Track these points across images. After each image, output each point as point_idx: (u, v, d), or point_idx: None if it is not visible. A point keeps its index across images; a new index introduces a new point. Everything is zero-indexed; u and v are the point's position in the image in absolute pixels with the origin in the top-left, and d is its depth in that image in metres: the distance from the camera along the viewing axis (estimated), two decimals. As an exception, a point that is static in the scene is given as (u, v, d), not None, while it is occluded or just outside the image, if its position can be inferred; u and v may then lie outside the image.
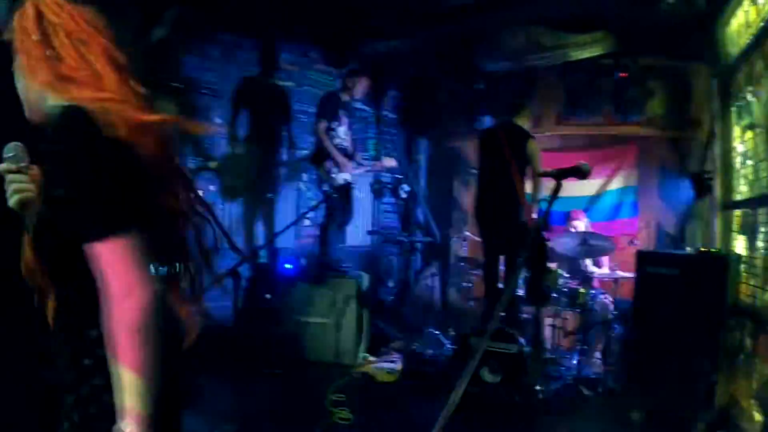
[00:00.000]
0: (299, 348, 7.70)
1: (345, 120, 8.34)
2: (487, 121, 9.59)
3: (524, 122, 7.67)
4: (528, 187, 7.32)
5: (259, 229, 8.51)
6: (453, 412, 5.86)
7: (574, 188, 9.50)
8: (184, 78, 7.60)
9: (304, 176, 9.17)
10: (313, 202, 8.70)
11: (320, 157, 8.22)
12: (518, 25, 8.43)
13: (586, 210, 9.00)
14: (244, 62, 8.52)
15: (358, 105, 9.10)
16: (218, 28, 8.01)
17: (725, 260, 5.43)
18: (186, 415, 2.19)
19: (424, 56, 9.75)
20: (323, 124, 8.09)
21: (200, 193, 2.11)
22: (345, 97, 8.36)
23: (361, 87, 8.43)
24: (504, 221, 7.21)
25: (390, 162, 9.07)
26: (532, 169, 7.31)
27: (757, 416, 4.83)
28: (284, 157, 8.87)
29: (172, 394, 1.96)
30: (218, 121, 8.19)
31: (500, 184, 7.26)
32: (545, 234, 7.08)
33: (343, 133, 8.33)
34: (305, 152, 9.06)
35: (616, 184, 9.51)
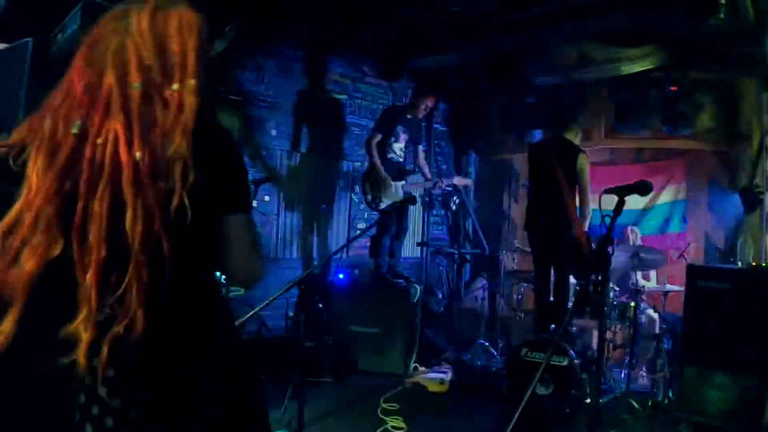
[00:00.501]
0: (351, 357, 7.82)
1: (403, 136, 8.45)
2: (537, 135, 9.65)
3: (574, 137, 7.69)
4: (578, 201, 7.35)
5: (314, 240, 8.68)
6: (504, 423, 5.95)
7: (626, 202, 9.52)
8: (242, 91, 7.76)
9: (357, 188, 9.27)
10: (366, 215, 8.86)
11: (370, 172, 8.36)
12: (568, 39, 8.48)
13: (636, 224, 9.01)
14: (299, 75, 8.67)
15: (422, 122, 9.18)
16: (273, 41, 8.15)
17: (777, 275, 5.45)
18: None
19: (474, 70, 9.83)
20: (377, 138, 8.21)
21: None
22: (409, 115, 8.48)
23: (426, 106, 8.55)
24: (554, 234, 7.25)
25: (464, 181, 9.20)
26: (581, 183, 7.34)
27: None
28: (340, 168, 9.04)
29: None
30: (274, 133, 8.34)
31: (551, 198, 7.29)
32: (610, 248, 7.12)
33: (398, 149, 8.44)
34: (357, 164, 9.22)
35: (665, 197, 9.49)
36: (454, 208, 10.40)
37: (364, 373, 7.73)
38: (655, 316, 7.76)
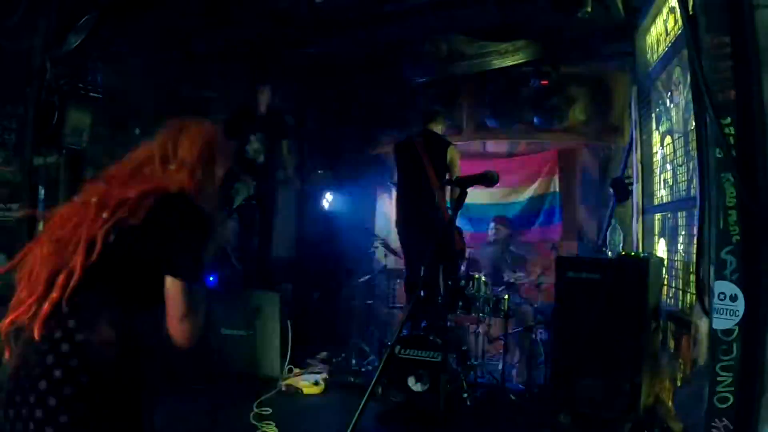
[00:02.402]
0: (222, 361, 7.56)
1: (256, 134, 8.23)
2: (409, 130, 9.60)
3: (439, 129, 7.64)
4: (449, 195, 7.27)
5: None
6: (381, 420, 5.80)
7: (496, 195, 9.58)
8: (101, 88, 7.42)
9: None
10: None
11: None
12: (439, 33, 8.42)
13: (507, 217, 9.00)
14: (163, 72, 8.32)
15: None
16: (134, 35, 7.81)
17: (645, 263, 5.46)
18: None
19: (347, 65, 9.70)
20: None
21: None
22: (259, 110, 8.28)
23: (265, 98, 8.32)
24: (424, 230, 7.14)
25: None
26: (451, 176, 7.28)
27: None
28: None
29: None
30: (137, 132, 7.98)
31: (420, 193, 7.22)
32: (457, 240, 7.07)
33: (251, 149, 8.20)
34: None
35: (538, 190, 9.58)
36: (329, 206, 10.27)
37: (238, 377, 7.48)
38: (529, 308, 7.79)
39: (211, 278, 8.22)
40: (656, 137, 6.58)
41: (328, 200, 10.27)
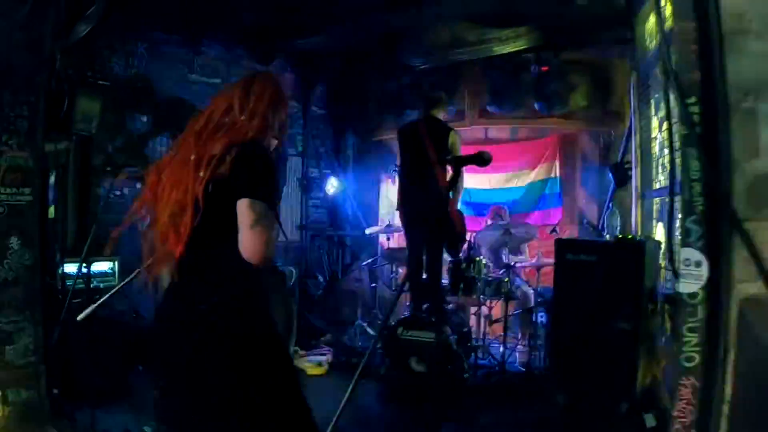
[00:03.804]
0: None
1: None
2: (413, 116, 9.67)
3: (441, 114, 7.72)
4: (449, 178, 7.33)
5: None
6: (383, 400, 5.92)
7: (498, 180, 9.68)
8: (111, 75, 7.49)
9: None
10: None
11: None
12: (443, 20, 8.50)
13: (503, 207, 9.05)
14: (171, 59, 8.40)
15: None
16: (143, 23, 7.88)
17: (642, 246, 5.54)
18: (116, 413, 2.40)
19: (350, 52, 9.77)
20: None
21: None
22: None
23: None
24: (426, 213, 7.21)
25: None
26: None
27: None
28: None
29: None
30: (145, 119, 8.07)
31: (422, 178, 7.30)
32: (458, 223, 7.16)
33: None
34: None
35: (540, 175, 9.66)
36: (332, 190, 10.38)
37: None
38: (529, 290, 7.89)
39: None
40: (655, 123, 6.65)
41: (333, 185, 10.38)
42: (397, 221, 8.28)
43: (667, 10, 3.06)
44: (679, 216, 2.77)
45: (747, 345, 1.55)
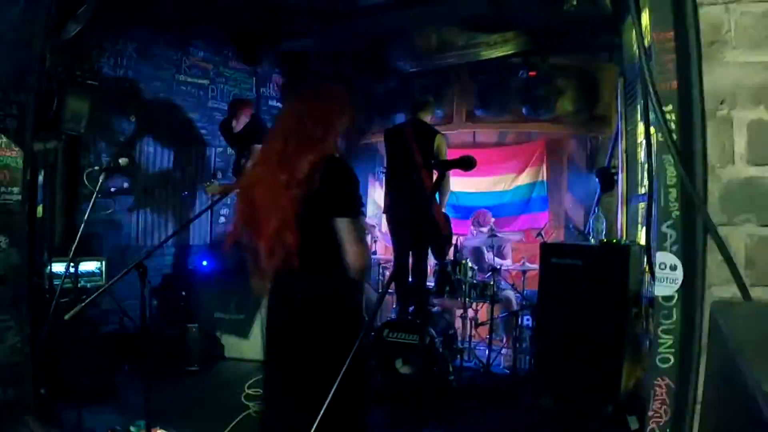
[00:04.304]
0: (217, 345, 7.73)
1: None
2: (400, 119, 9.69)
3: (428, 118, 7.75)
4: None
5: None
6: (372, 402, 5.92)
7: (485, 184, 9.71)
8: (99, 75, 7.51)
9: (219, 174, 9.10)
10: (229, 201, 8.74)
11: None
12: (431, 24, 8.54)
13: (487, 211, 9.06)
14: (160, 59, 8.43)
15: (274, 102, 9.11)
16: (132, 23, 7.90)
17: (627, 250, 5.59)
18: (103, 412, 2.42)
19: (338, 55, 9.81)
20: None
21: None
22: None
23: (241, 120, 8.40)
24: (412, 216, 7.23)
25: None
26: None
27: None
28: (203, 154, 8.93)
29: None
30: (133, 118, 8.11)
31: (408, 181, 7.31)
32: (443, 226, 7.18)
33: None
34: (220, 150, 9.13)
35: (526, 179, 9.69)
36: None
37: (232, 360, 7.65)
38: (513, 294, 7.92)
39: (204, 263, 8.38)
40: (641, 128, 6.70)
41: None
42: (385, 226, 8.32)
43: (645, 21, 3.10)
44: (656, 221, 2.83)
45: (716, 347, 1.60)
